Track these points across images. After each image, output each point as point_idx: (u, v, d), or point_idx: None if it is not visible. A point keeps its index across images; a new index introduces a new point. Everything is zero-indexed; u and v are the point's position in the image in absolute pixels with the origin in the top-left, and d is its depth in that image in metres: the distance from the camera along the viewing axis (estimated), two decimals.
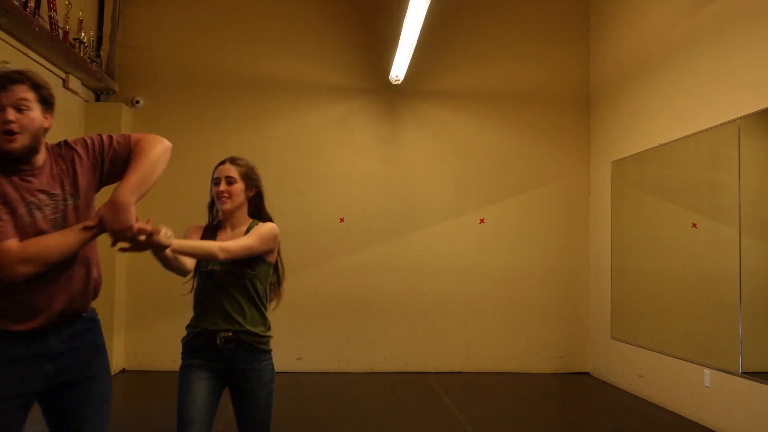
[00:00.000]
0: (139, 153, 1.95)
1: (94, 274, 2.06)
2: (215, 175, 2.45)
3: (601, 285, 6.48)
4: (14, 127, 1.81)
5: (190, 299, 2.45)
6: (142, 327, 6.30)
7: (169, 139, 2.00)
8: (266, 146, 6.49)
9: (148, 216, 1.96)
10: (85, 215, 1.96)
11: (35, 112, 1.86)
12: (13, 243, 1.80)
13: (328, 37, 6.74)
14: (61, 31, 5.16)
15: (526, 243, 6.79)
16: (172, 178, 6.53)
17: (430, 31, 6.05)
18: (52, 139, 1.99)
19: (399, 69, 6.11)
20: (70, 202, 1.94)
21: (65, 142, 2.00)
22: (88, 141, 2.00)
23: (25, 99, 1.84)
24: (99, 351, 2.08)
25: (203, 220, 2.55)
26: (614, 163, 6.27)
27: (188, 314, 2.43)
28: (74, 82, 5.60)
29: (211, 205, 2.54)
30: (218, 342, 2.34)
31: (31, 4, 4.63)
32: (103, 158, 1.99)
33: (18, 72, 1.86)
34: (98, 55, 6.02)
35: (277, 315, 2.56)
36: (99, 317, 2.12)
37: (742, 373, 4.35)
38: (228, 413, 1.55)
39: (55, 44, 4.92)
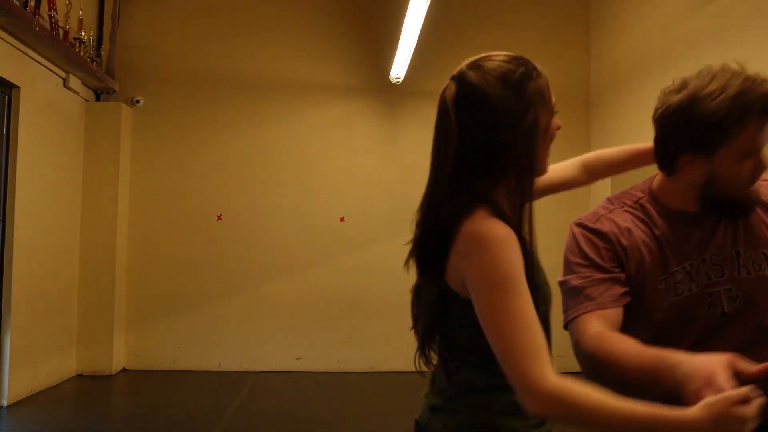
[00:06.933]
0: None
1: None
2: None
3: None
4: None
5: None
6: (142, 327, 6.29)
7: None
8: (266, 146, 6.49)
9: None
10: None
11: None
12: (592, 322, 1.06)
13: (328, 37, 6.74)
14: (61, 31, 5.16)
15: None
16: (171, 178, 6.56)
17: (430, 31, 6.05)
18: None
19: (399, 68, 6.12)
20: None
21: None
22: None
23: None
24: None
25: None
26: None
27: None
28: (74, 82, 5.59)
29: None
30: None
31: (31, 3, 4.63)
32: None
33: None
34: (98, 55, 6.01)
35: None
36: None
37: None
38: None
39: (55, 44, 4.91)
